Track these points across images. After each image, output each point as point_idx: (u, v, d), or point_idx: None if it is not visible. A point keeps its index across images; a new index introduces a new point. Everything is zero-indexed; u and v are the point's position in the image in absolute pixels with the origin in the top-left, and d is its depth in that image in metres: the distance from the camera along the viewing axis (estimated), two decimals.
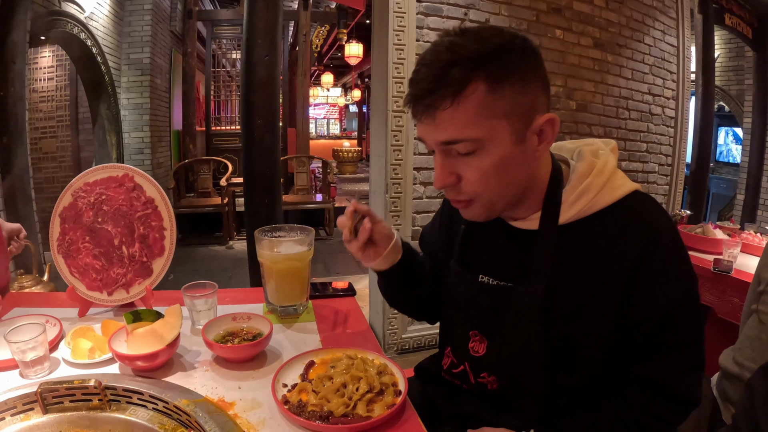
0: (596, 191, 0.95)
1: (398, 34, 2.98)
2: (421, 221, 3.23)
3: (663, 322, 0.92)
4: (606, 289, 0.93)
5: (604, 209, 0.95)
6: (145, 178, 1.38)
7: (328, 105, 22.07)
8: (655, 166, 4.58)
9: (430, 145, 0.92)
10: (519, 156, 0.90)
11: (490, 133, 0.86)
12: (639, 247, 0.90)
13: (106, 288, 1.35)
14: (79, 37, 4.97)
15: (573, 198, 0.95)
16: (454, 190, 0.94)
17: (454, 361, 1.13)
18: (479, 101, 0.84)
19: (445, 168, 0.92)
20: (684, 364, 0.94)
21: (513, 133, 0.87)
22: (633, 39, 4.17)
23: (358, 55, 9.90)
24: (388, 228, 1.15)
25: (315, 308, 1.42)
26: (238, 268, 5.34)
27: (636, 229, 0.92)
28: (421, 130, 0.92)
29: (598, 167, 0.97)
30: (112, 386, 0.95)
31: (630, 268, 0.91)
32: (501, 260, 1.05)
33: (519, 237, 1.02)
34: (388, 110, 3.02)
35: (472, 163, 0.89)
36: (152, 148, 6.55)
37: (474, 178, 0.90)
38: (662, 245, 0.91)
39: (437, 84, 0.84)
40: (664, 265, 0.92)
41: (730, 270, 2.32)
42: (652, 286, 0.92)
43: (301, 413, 0.90)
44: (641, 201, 0.97)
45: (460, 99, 0.83)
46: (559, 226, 0.96)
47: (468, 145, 0.87)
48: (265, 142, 2.88)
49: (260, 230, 1.35)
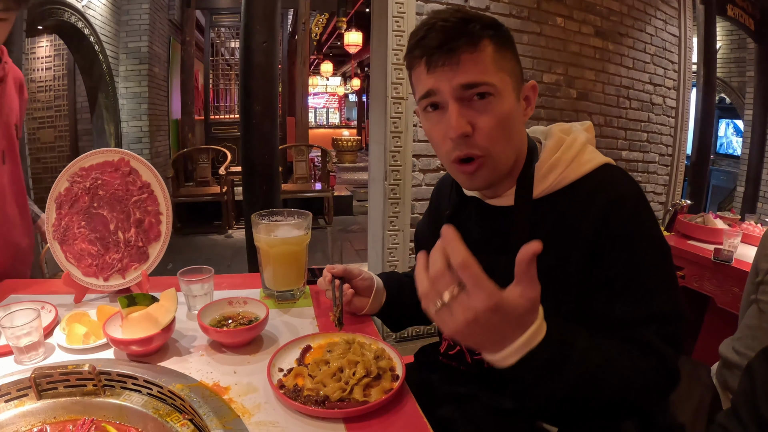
0: (565, 165, 0.99)
1: (398, 20, 2.97)
2: (420, 209, 3.22)
3: (629, 284, 0.91)
4: (574, 254, 0.95)
5: (575, 182, 0.98)
6: (141, 163, 1.36)
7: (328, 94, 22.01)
8: (655, 156, 4.57)
9: (444, 93, 0.93)
10: (519, 115, 0.98)
11: (501, 84, 0.93)
12: (601, 209, 0.93)
13: (101, 273, 1.34)
14: (76, 26, 4.95)
15: (544, 172, 1.00)
16: (465, 144, 0.95)
17: (450, 343, 1.16)
18: (491, 54, 0.92)
19: (462, 117, 0.93)
20: (659, 331, 0.89)
21: (514, 90, 0.96)
22: (634, 28, 4.15)
23: (357, 43, 9.83)
24: (367, 276, 1.25)
25: (312, 294, 1.40)
26: (238, 256, 5.34)
27: (600, 195, 0.94)
28: (434, 80, 0.94)
29: (567, 143, 1.02)
30: (106, 371, 0.94)
31: (593, 229, 0.93)
32: (483, 238, 1.08)
33: (496, 214, 1.07)
34: (388, 96, 3.02)
35: (487, 111, 0.93)
36: (151, 137, 6.53)
37: (487, 127, 0.93)
38: (624, 207, 0.93)
39: (457, 34, 0.90)
40: (627, 227, 0.92)
41: (731, 260, 2.32)
42: (612, 251, 0.92)
43: (297, 397, 0.89)
44: (608, 171, 0.99)
45: (479, 48, 0.91)
46: (533, 201, 1.00)
47: (486, 89, 0.92)
48: (263, 128, 2.87)
49: (257, 214, 1.34)
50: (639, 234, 0.92)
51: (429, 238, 1.28)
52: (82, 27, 5.03)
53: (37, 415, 0.90)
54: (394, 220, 3.19)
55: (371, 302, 1.25)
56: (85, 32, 5.13)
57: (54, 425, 0.89)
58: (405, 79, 3.04)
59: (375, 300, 1.25)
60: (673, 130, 4.69)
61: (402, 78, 3.02)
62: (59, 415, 0.91)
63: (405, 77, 3.03)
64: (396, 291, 1.30)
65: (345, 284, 1.22)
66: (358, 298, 1.24)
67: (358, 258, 5.26)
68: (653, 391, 0.88)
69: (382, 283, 1.28)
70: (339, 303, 1.17)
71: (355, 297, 1.24)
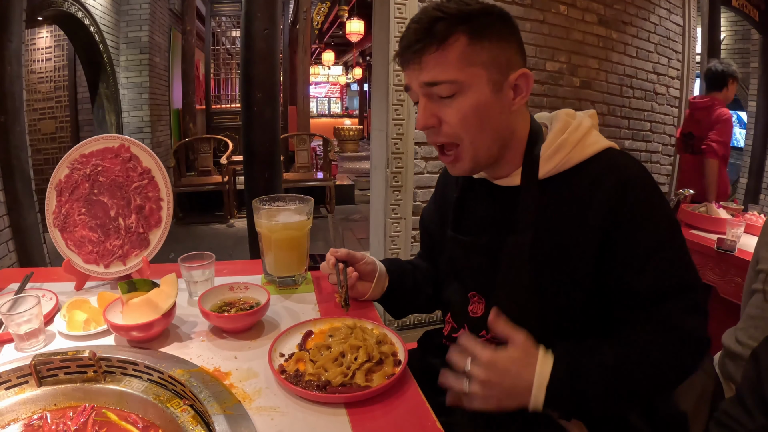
0: (571, 147, 1.01)
1: (400, 7, 2.95)
2: (422, 196, 3.21)
3: (646, 261, 0.94)
4: (585, 236, 0.97)
5: (580, 164, 1.00)
6: (142, 149, 1.35)
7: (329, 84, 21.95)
8: (658, 146, 4.55)
9: (415, 90, 1.01)
10: (496, 105, 0.98)
11: (470, 79, 0.96)
12: (611, 192, 0.95)
13: (102, 260, 1.33)
14: (76, 16, 4.92)
15: (549, 153, 1.01)
16: (435, 133, 1.02)
17: (454, 326, 1.17)
18: (460, 50, 0.94)
19: (427, 110, 1.00)
20: (680, 304, 0.94)
21: (490, 82, 0.97)
22: (638, 17, 4.11)
23: (359, 32, 9.76)
24: (369, 261, 1.27)
25: (314, 280, 1.40)
26: (239, 246, 5.34)
27: (608, 178, 0.96)
28: (407, 77, 1.02)
29: (573, 125, 1.03)
30: (106, 357, 0.93)
31: (604, 214, 0.95)
32: (490, 219, 1.11)
33: (503, 194, 1.08)
34: (390, 84, 3.00)
35: (452, 105, 0.97)
36: (152, 126, 6.51)
37: (453, 120, 0.98)
38: (634, 190, 0.95)
39: (424, 35, 0.95)
40: (638, 210, 0.95)
41: (734, 249, 2.30)
42: (628, 232, 0.95)
43: (298, 382, 0.89)
44: (614, 155, 1.02)
45: (443, 47, 0.94)
46: (539, 181, 1.02)
47: (448, 88, 0.96)
48: (264, 116, 2.86)
49: (258, 199, 1.34)
50: (650, 213, 0.95)
51: (436, 224, 1.30)
52: (82, 17, 5.00)
53: (38, 402, 0.90)
54: (396, 207, 3.18)
55: (374, 287, 1.25)
56: (85, 22, 5.10)
57: (54, 412, 0.89)
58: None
59: (377, 285, 1.26)
60: (676, 120, 4.66)
61: None
62: (59, 401, 0.91)
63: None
64: (399, 277, 1.29)
65: (348, 268, 1.22)
66: (360, 282, 1.25)
67: (360, 247, 5.26)
68: (684, 364, 0.94)
69: (384, 268, 1.28)
70: (344, 284, 1.18)
71: (357, 281, 1.24)
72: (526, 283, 1.01)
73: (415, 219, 3.24)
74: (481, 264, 1.09)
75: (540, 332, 0.98)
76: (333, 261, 1.22)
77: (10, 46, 2.96)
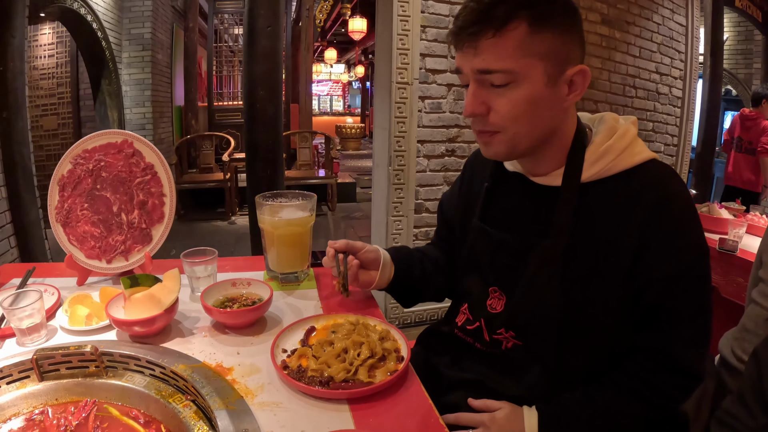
0: (616, 154, 0.97)
1: (403, 5, 2.95)
2: (424, 195, 3.21)
3: (668, 289, 0.94)
4: (617, 252, 0.95)
5: (623, 172, 0.97)
6: (145, 144, 1.35)
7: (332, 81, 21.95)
8: (660, 146, 4.55)
9: (466, 74, 0.95)
10: (548, 99, 0.93)
11: (525, 69, 0.90)
12: (649, 209, 0.93)
13: (104, 256, 1.33)
14: (79, 13, 4.92)
15: (595, 157, 0.98)
16: (481, 122, 0.97)
17: (469, 318, 1.14)
18: (519, 38, 0.88)
19: (477, 97, 0.94)
20: (687, 335, 0.95)
21: (546, 75, 0.91)
22: (641, 17, 4.11)
23: (361, 30, 9.76)
24: (371, 249, 1.23)
25: (317, 276, 1.40)
26: (241, 243, 5.34)
27: (649, 192, 0.94)
28: (459, 59, 0.96)
29: (620, 132, 1.00)
30: (108, 352, 0.93)
31: (639, 230, 0.93)
32: (523, 216, 1.07)
33: (541, 193, 1.04)
34: (393, 82, 3.00)
35: (504, 95, 0.92)
36: (154, 123, 6.51)
37: (503, 110, 0.93)
38: (672, 210, 0.93)
39: (482, 17, 0.89)
40: (673, 231, 0.93)
41: (736, 249, 2.31)
42: (659, 251, 0.93)
43: (301, 378, 0.88)
44: (658, 168, 0.98)
45: (501, 32, 0.88)
46: (580, 184, 0.98)
47: (502, 77, 0.91)
48: (267, 113, 2.85)
49: (261, 196, 1.33)
50: (682, 235, 0.94)
51: (458, 211, 1.26)
52: (84, 14, 5.00)
53: (39, 396, 0.89)
54: (398, 205, 3.18)
55: (379, 276, 1.22)
56: (88, 19, 5.09)
57: (56, 407, 0.89)
58: (410, 64, 3.02)
59: (383, 273, 1.22)
60: (678, 120, 4.67)
61: (407, 63, 3.00)
62: (61, 396, 0.90)
63: (410, 62, 3.02)
64: (405, 265, 1.27)
65: (349, 257, 1.20)
66: (365, 272, 1.22)
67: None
68: (673, 398, 0.98)
69: (389, 256, 1.25)
70: (343, 271, 1.17)
71: (361, 271, 1.21)
72: (552, 291, 0.99)
73: (417, 217, 3.24)
74: (507, 261, 1.07)
75: (553, 346, 1.00)
76: (332, 252, 1.20)
77: (13, 42, 2.96)
